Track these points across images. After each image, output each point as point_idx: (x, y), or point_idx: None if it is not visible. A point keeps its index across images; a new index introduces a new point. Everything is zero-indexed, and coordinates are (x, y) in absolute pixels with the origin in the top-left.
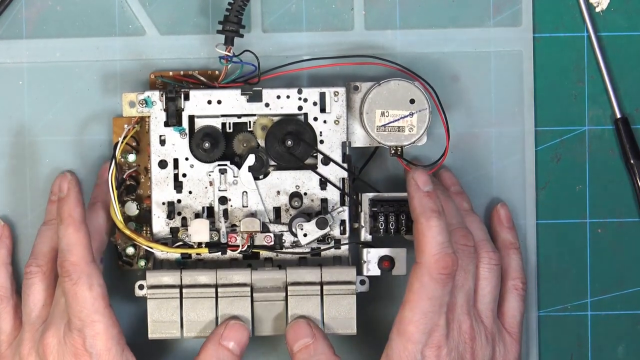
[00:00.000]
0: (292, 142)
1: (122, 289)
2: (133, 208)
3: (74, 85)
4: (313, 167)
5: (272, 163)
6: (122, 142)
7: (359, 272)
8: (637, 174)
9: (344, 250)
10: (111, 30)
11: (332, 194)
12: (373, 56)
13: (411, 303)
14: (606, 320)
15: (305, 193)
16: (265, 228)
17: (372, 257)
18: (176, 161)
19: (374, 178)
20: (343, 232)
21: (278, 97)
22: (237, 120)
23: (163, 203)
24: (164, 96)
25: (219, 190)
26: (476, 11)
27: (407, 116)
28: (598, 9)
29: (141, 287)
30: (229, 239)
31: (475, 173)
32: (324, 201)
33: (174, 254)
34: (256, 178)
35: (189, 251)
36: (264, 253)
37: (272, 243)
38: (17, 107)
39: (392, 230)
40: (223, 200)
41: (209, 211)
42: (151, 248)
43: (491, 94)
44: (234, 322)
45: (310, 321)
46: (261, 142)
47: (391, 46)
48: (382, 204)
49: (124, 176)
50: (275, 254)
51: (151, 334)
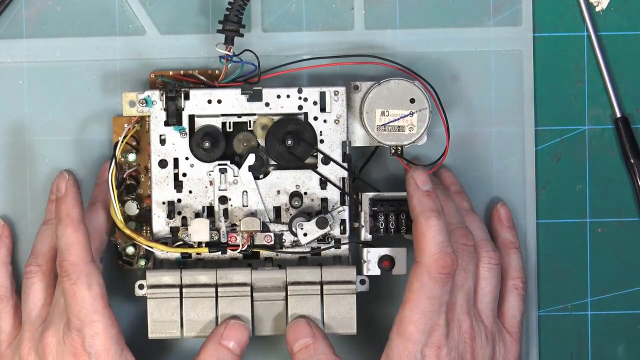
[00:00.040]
0: (292, 142)
1: (122, 289)
2: (133, 207)
3: (74, 85)
4: (313, 167)
5: (272, 162)
6: (122, 142)
7: (359, 272)
8: (637, 174)
9: (344, 249)
10: (111, 30)
11: (332, 194)
12: (373, 56)
13: (411, 303)
14: (606, 320)
15: (305, 192)
16: (265, 228)
17: (372, 257)
18: (176, 161)
19: (374, 178)
20: (343, 232)
21: (278, 97)
22: (237, 119)
23: (163, 202)
24: (164, 96)
25: (219, 189)
26: (476, 11)
27: (407, 116)
28: (598, 9)
29: (141, 287)
30: (229, 239)
31: (475, 173)
32: (324, 201)
33: (174, 254)
34: (256, 177)
35: (189, 251)
36: (264, 253)
37: (272, 243)
38: (17, 107)
39: (392, 229)
40: (223, 199)
41: (209, 211)
42: (151, 248)
43: (491, 94)
44: (234, 322)
45: (310, 321)
46: (261, 142)
47: (391, 46)
48: (382, 204)
49: (124, 176)
50: (275, 254)
51: (151, 334)
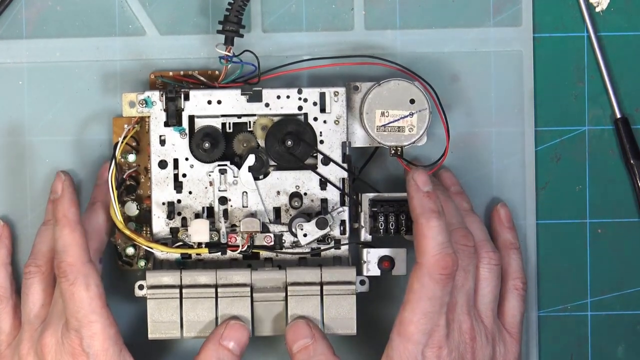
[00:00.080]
0: (292, 142)
1: (122, 289)
2: (133, 208)
3: (74, 85)
4: (313, 167)
5: (272, 163)
6: (122, 142)
7: (359, 272)
8: (637, 174)
9: (344, 250)
10: (111, 30)
11: (332, 194)
12: (373, 56)
13: (411, 303)
14: (606, 320)
15: (305, 193)
16: (265, 228)
17: (372, 257)
18: (176, 161)
19: (374, 178)
20: (343, 232)
21: (278, 97)
22: (237, 120)
23: (163, 203)
24: (164, 96)
25: (219, 190)
26: (476, 11)
27: (407, 116)
28: (598, 9)
29: (141, 287)
30: (229, 239)
31: (475, 173)
32: (324, 201)
33: (174, 254)
34: (256, 178)
35: (189, 251)
36: (264, 253)
37: (272, 243)
38: (17, 107)
39: (392, 230)
40: (223, 200)
41: (209, 211)
42: (151, 248)
43: (491, 94)
44: (234, 322)
45: (309, 321)
46: (261, 142)
47: (391, 46)
48: (382, 204)
49: (124, 176)
50: (275, 254)
51: (151, 334)
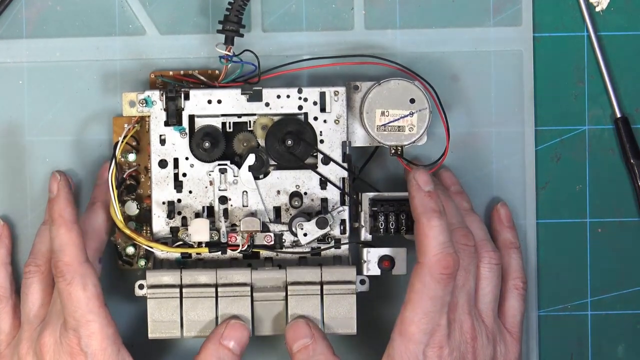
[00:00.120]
0: (292, 142)
1: (122, 289)
2: (133, 208)
3: (74, 85)
4: (313, 167)
5: (272, 163)
6: (122, 142)
7: (359, 272)
8: (637, 174)
9: (344, 249)
10: (111, 30)
11: (332, 194)
12: (373, 56)
13: (412, 303)
14: (606, 320)
15: (305, 193)
16: (265, 228)
17: (372, 257)
18: (176, 161)
19: (374, 178)
20: (343, 232)
21: (278, 97)
22: (237, 119)
23: (163, 202)
24: (164, 96)
25: (219, 189)
26: (476, 11)
27: (407, 116)
28: (598, 9)
29: (141, 287)
30: (229, 239)
31: (475, 173)
32: (324, 201)
33: (174, 254)
34: (256, 178)
35: (189, 251)
36: (264, 253)
37: (272, 243)
38: (17, 107)
39: (392, 229)
40: (223, 199)
41: (209, 211)
42: (151, 248)
43: (491, 94)
44: (235, 322)
45: (309, 321)
46: (261, 142)
47: (391, 46)
48: (382, 204)
49: (124, 176)
50: (275, 254)
51: (151, 334)
